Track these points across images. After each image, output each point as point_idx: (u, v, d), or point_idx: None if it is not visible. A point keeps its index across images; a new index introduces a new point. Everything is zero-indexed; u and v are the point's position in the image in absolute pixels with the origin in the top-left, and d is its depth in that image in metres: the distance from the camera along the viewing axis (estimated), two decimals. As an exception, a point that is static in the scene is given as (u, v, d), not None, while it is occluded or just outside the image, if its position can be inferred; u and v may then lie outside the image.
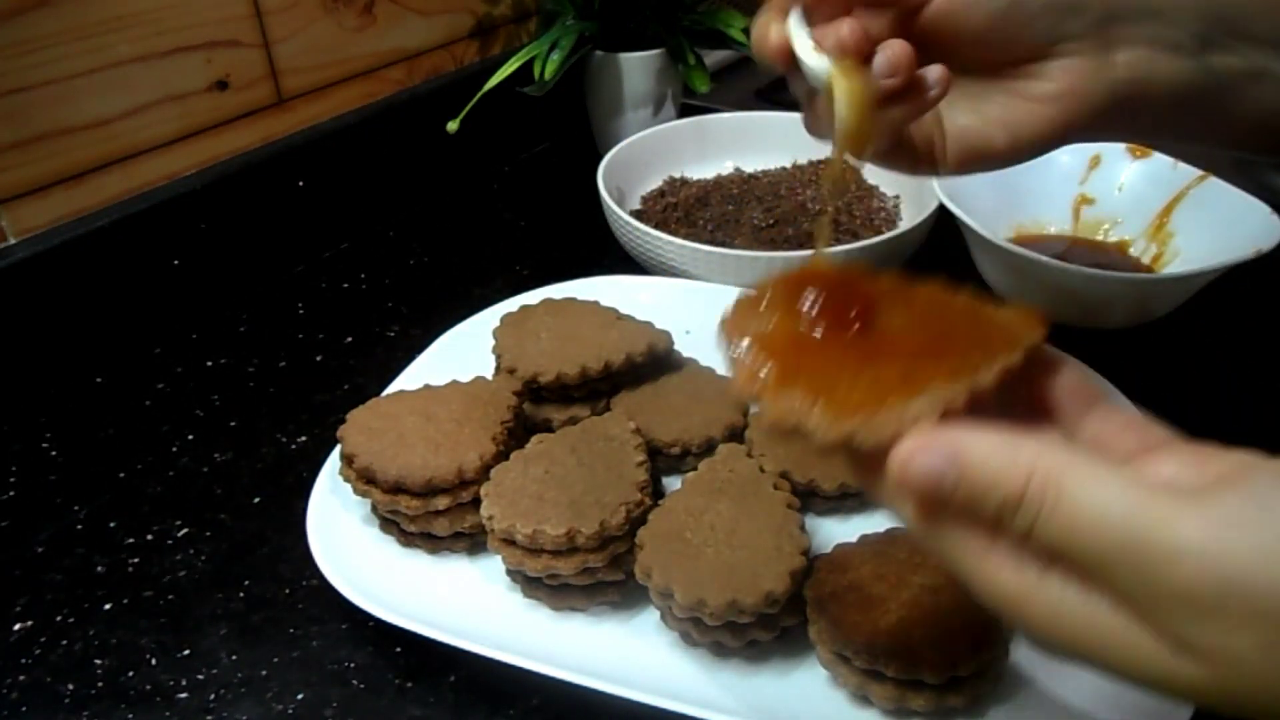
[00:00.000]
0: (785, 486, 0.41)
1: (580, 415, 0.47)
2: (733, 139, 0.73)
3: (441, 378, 0.48)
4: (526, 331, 0.50)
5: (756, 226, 0.63)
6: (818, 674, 0.37)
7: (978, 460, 0.22)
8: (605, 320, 0.50)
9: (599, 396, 0.48)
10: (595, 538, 0.38)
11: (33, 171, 0.54)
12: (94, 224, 0.56)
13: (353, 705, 0.38)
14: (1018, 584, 0.22)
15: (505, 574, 0.41)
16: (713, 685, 0.37)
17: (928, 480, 0.23)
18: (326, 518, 0.43)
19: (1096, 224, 0.63)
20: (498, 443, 0.43)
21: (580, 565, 0.38)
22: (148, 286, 0.60)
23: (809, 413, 0.25)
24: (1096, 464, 0.21)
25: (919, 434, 0.23)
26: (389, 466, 0.41)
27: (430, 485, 0.41)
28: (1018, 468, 0.21)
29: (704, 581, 0.36)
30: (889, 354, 0.26)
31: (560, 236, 0.71)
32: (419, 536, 0.42)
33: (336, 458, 0.44)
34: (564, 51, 0.69)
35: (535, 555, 0.38)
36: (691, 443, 0.45)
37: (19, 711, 0.38)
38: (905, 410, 0.24)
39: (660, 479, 0.46)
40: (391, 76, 0.72)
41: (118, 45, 0.55)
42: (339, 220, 0.71)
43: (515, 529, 0.38)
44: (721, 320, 0.27)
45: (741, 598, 0.35)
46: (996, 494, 0.22)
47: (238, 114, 0.63)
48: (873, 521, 0.43)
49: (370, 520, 0.44)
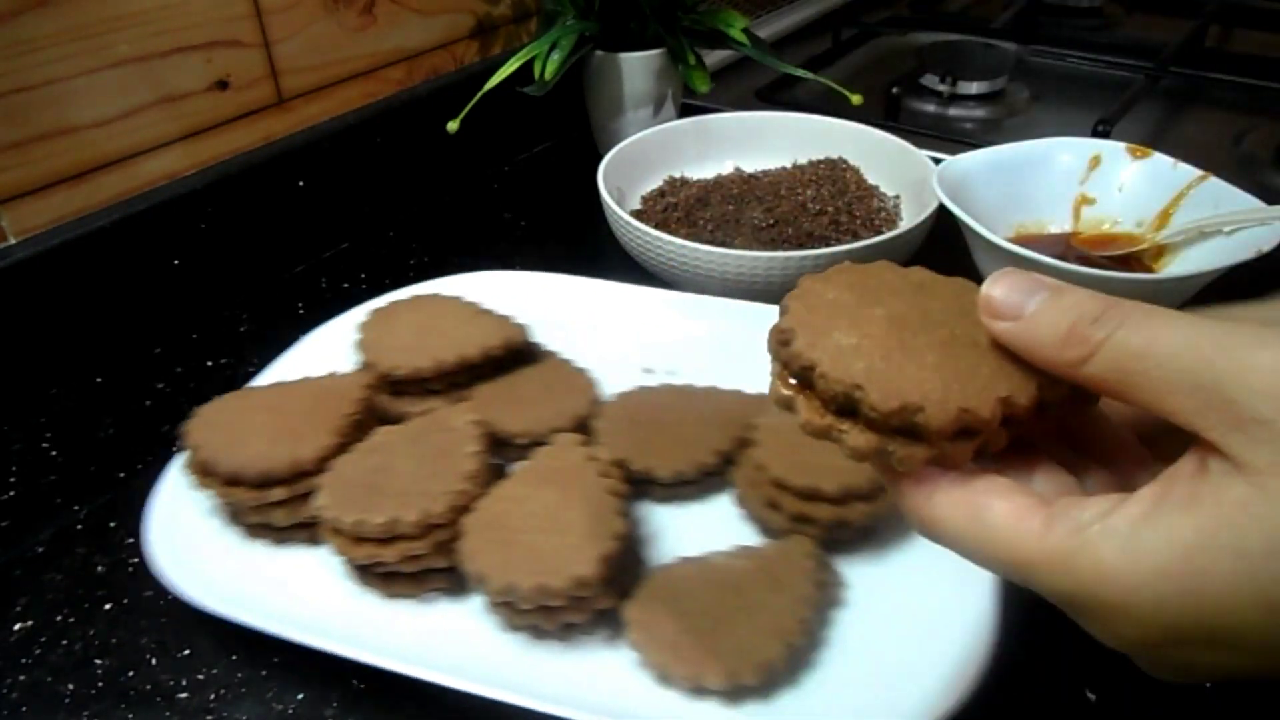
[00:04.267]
0: (614, 474, 0.42)
1: (437, 408, 0.47)
2: (733, 139, 0.73)
3: (312, 372, 0.48)
4: (389, 326, 0.51)
5: (757, 226, 0.63)
6: (629, 656, 0.38)
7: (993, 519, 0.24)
8: (467, 315, 0.51)
9: (457, 389, 0.49)
10: (417, 526, 0.39)
11: (33, 171, 0.54)
12: (94, 224, 0.56)
13: (353, 705, 0.38)
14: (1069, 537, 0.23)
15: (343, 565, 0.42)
16: (528, 669, 0.38)
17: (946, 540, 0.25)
18: (172, 511, 0.43)
19: (1096, 224, 0.63)
20: (339, 435, 0.43)
21: (403, 553, 0.39)
22: (148, 286, 0.60)
23: (841, 424, 0.26)
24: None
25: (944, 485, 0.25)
26: (226, 459, 0.41)
27: (266, 477, 0.41)
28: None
29: (515, 566, 0.37)
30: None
31: (560, 236, 0.71)
32: (262, 528, 0.43)
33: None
34: (564, 51, 0.69)
35: (359, 544, 0.39)
36: (539, 433, 0.46)
37: (19, 711, 0.38)
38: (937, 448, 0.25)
39: (506, 469, 0.45)
40: (391, 76, 0.72)
41: (118, 45, 0.55)
42: (339, 220, 0.71)
43: (341, 518, 0.39)
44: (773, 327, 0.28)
45: (550, 581, 0.36)
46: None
47: (238, 114, 0.63)
48: (713, 507, 0.45)
49: (218, 515, 0.44)
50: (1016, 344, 0.25)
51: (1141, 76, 0.85)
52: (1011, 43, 0.96)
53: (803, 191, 0.66)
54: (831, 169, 0.69)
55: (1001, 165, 0.62)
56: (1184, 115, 0.87)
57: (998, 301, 0.25)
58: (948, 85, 0.89)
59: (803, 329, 0.27)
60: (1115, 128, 0.73)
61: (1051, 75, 0.95)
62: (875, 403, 0.25)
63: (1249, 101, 0.87)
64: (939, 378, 0.25)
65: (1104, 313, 0.24)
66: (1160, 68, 0.87)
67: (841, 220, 0.64)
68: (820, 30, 1.07)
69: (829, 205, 0.65)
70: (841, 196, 0.66)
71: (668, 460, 0.44)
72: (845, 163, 0.70)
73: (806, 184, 0.67)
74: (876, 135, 0.69)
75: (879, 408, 0.25)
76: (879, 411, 0.25)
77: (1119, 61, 0.93)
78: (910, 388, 0.25)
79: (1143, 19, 1.11)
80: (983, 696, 0.36)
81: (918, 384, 0.25)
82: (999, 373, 0.25)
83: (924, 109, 0.89)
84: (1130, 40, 1.04)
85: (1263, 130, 0.81)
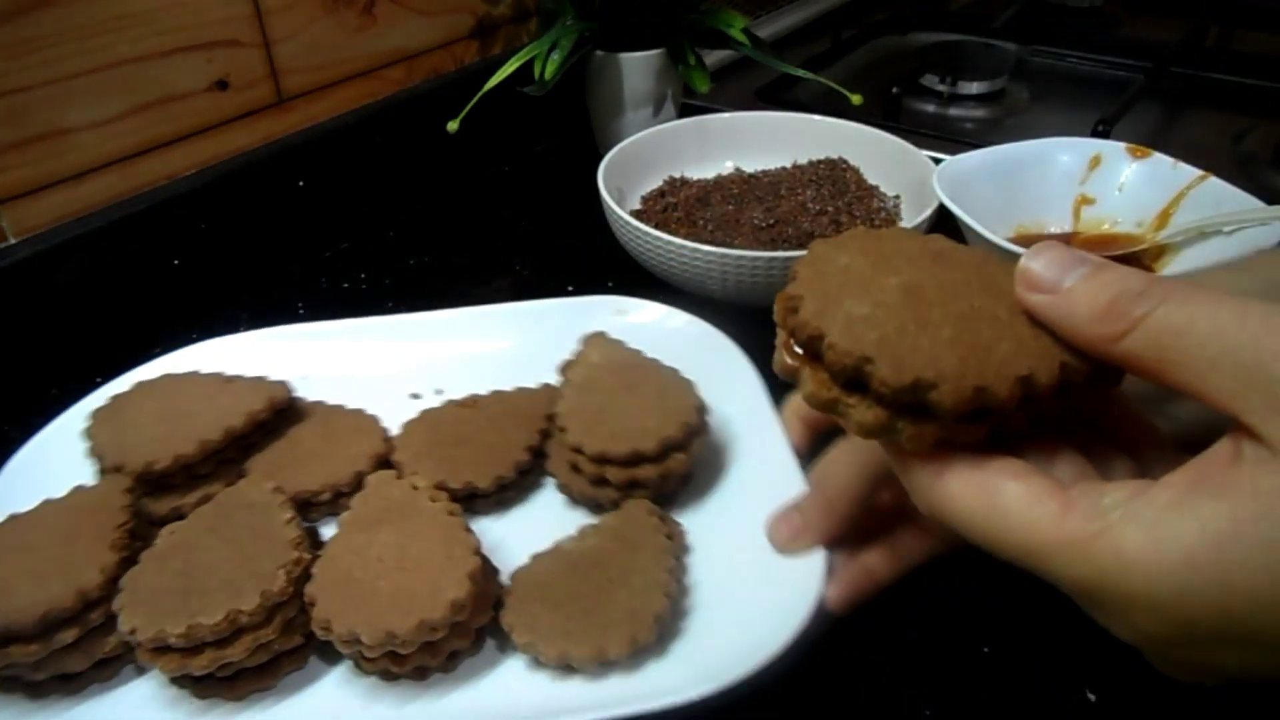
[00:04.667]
0: (442, 496, 0.40)
1: (214, 492, 0.42)
2: (733, 139, 0.73)
3: (28, 502, 0.40)
4: (124, 422, 0.44)
5: (757, 226, 0.63)
6: (519, 664, 0.37)
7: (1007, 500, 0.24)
8: (213, 387, 0.47)
9: (231, 466, 0.45)
10: (260, 611, 0.35)
11: (33, 171, 0.54)
12: (94, 224, 0.56)
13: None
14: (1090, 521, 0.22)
15: (170, 683, 0.37)
16: (425, 712, 0.36)
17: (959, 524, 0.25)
18: None
19: (1097, 224, 0.63)
20: (119, 549, 0.38)
21: (252, 645, 0.35)
22: (148, 287, 0.60)
23: (848, 398, 0.25)
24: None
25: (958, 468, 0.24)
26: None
27: (48, 620, 0.35)
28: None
29: (386, 614, 0.35)
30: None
31: (560, 236, 0.71)
32: (54, 682, 0.36)
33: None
34: (564, 51, 0.69)
35: (197, 653, 0.35)
36: (340, 484, 0.44)
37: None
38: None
39: (318, 530, 0.44)
40: (391, 76, 0.72)
41: (118, 45, 0.55)
42: (339, 220, 0.71)
43: (166, 633, 0.34)
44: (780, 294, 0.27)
45: (429, 615, 0.35)
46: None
47: (238, 114, 0.63)
48: (541, 501, 0.45)
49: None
50: (1053, 316, 0.24)
51: (1141, 76, 0.85)
52: (1011, 43, 0.96)
53: (803, 191, 0.66)
54: (831, 169, 0.69)
55: (1001, 165, 0.62)
56: (1184, 115, 0.87)
57: (1036, 273, 0.24)
58: (948, 85, 0.89)
59: (811, 295, 0.26)
60: (1115, 128, 0.73)
61: (1051, 75, 0.95)
62: (886, 377, 0.23)
63: (1249, 101, 0.87)
64: (955, 353, 0.23)
65: (1147, 288, 0.23)
66: (1160, 68, 0.87)
67: (842, 220, 0.64)
68: (820, 30, 1.07)
69: (829, 205, 0.65)
70: (841, 196, 0.66)
71: (484, 470, 0.43)
72: (845, 163, 0.70)
73: (806, 184, 0.67)
74: (876, 135, 0.69)
75: (890, 382, 0.23)
76: (889, 386, 0.23)
77: (1119, 61, 0.93)
78: (924, 362, 0.23)
79: (1143, 19, 1.11)
80: (968, 689, 0.36)
81: (932, 359, 0.23)
82: (1019, 350, 0.24)
83: (924, 109, 0.89)
84: (1130, 40, 1.04)
85: (1263, 130, 0.81)
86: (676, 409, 0.43)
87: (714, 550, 0.41)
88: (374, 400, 0.49)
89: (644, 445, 0.41)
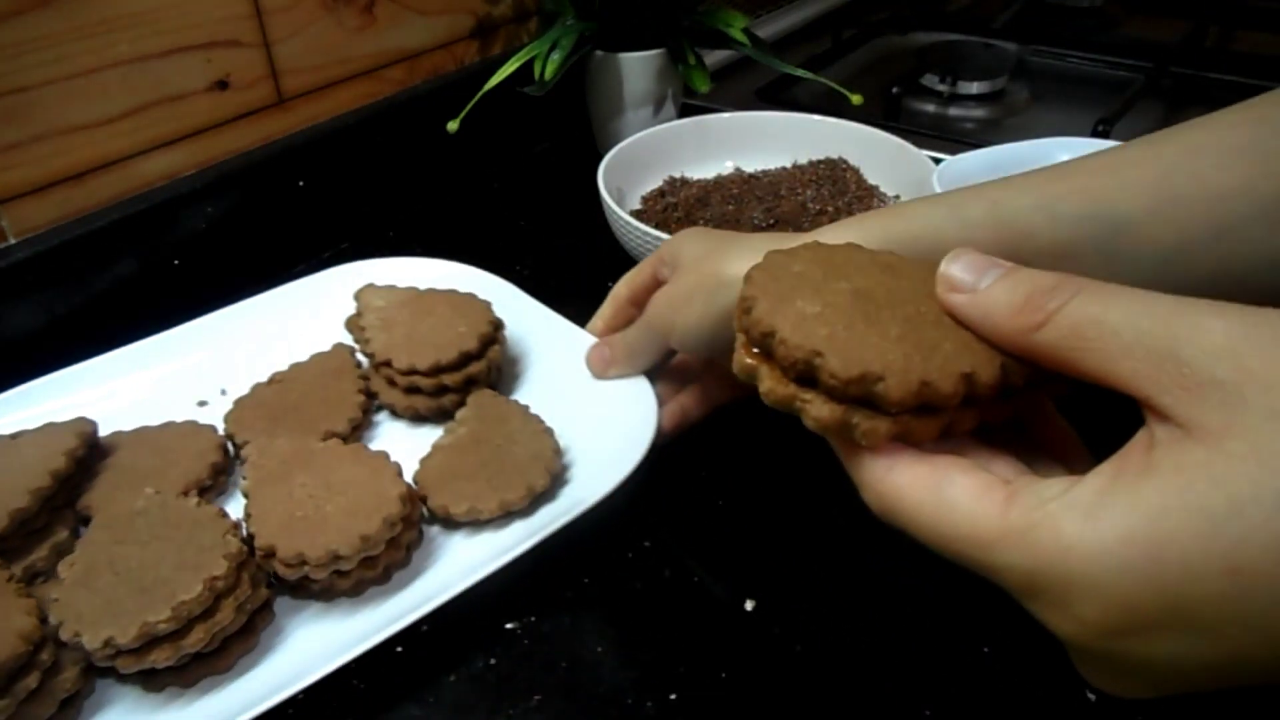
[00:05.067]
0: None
1: (61, 540, 0.42)
2: (733, 139, 0.73)
3: None
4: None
5: (757, 226, 0.63)
6: (444, 553, 0.42)
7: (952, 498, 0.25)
8: (3, 446, 0.44)
9: (65, 512, 0.43)
10: (207, 595, 0.36)
11: (33, 171, 0.54)
12: (94, 224, 0.56)
13: (353, 705, 0.38)
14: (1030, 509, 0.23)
15: (121, 682, 0.37)
16: (381, 610, 0.40)
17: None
18: None
19: (1096, 224, 0.63)
20: (24, 595, 0.37)
21: (209, 631, 0.36)
22: (147, 287, 0.60)
23: (804, 394, 0.26)
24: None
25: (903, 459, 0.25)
26: None
27: (6, 671, 0.34)
28: None
29: (349, 528, 0.38)
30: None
31: (560, 236, 0.71)
32: None
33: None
34: (564, 51, 0.69)
35: (144, 651, 0.35)
36: (201, 480, 0.45)
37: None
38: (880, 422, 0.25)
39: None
40: (391, 76, 0.72)
41: (118, 45, 0.55)
42: (339, 220, 0.71)
43: (115, 640, 0.34)
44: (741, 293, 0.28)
45: (391, 511, 0.39)
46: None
47: (238, 114, 0.63)
48: (388, 441, 0.49)
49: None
50: (973, 315, 0.25)
51: (1141, 76, 0.85)
52: (1011, 43, 0.96)
53: (803, 191, 0.66)
54: (831, 169, 0.69)
55: (1001, 165, 0.62)
56: (1184, 115, 0.86)
57: (955, 276, 0.26)
58: (948, 85, 0.90)
59: (764, 296, 0.27)
60: (1115, 128, 0.73)
61: (1051, 75, 0.95)
62: (835, 369, 0.24)
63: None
64: (901, 350, 0.25)
65: (1059, 284, 0.24)
66: (1160, 68, 0.87)
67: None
68: (820, 30, 1.07)
69: (829, 205, 0.65)
70: (841, 196, 0.66)
71: (335, 420, 0.47)
72: (845, 163, 0.70)
73: (806, 184, 0.67)
74: (876, 135, 0.69)
75: (838, 375, 0.24)
76: (838, 379, 0.24)
77: (1119, 61, 0.93)
78: (872, 356, 0.24)
79: (1143, 19, 1.11)
80: (969, 689, 0.36)
81: (880, 353, 0.24)
82: (963, 350, 0.25)
83: (924, 109, 0.89)
84: (1130, 40, 1.04)
85: (1263, 130, 0.81)
86: (478, 313, 0.50)
87: (558, 415, 0.47)
88: (164, 418, 0.49)
89: (467, 345, 0.48)
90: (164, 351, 0.53)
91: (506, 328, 0.51)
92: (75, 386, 0.50)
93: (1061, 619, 0.22)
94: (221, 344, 0.54)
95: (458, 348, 0.48)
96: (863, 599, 0.41)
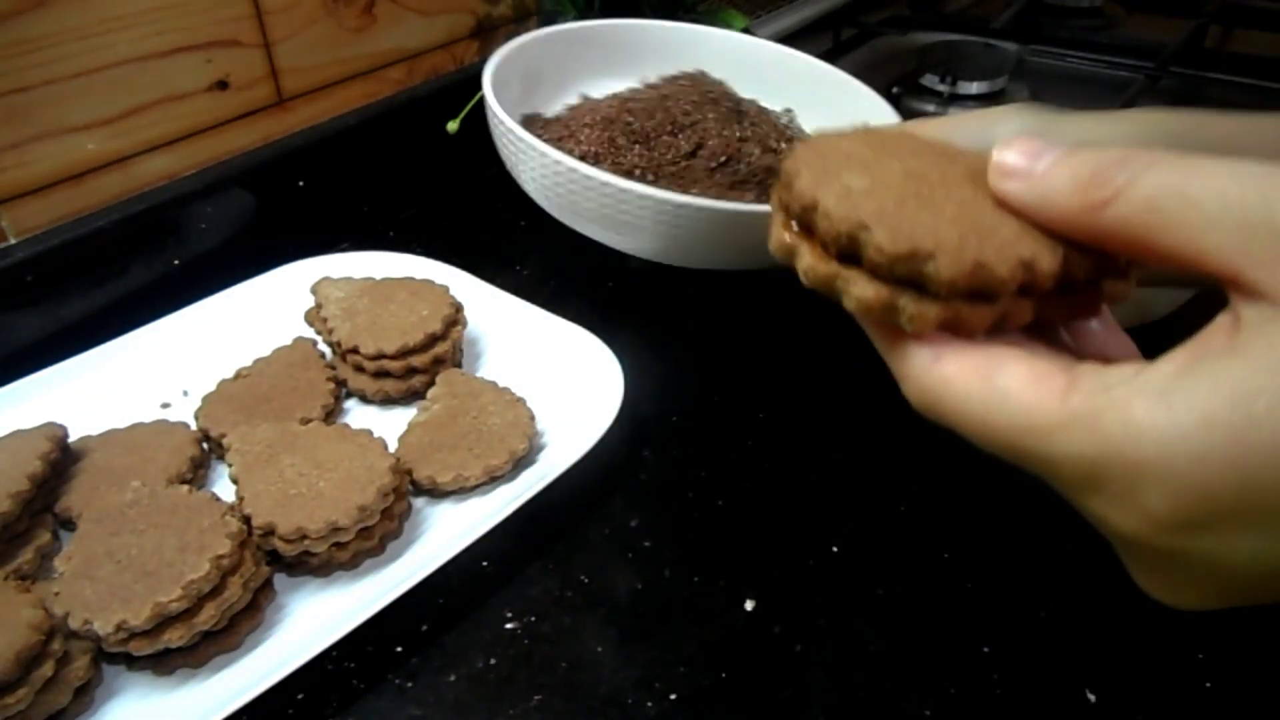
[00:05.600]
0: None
1: (44, 543, 0.42)
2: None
3: None
4: None
5: (709, 169, 0.57)
6: (432, 525, 0.44)
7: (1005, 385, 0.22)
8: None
9: (44, 517, 0.43)
10: (232, 546, 0.37)
11: (33, 171, 0.54)
12: (94, 224, 0.56)
13: (353, 705, 0.38)
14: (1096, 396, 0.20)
15: (130, 668, 0.38)
16: (378, 580, 0.41)
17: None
18: None
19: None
20: (27, 590, 0.38)
21: (234, 591, 0.37)
22: (147, 287, 0.60)
23: (846, 272, 0.23)
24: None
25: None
26: None
27: (23, 659, 0.34)
28: None
29: (325, 509, 0.39)
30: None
31: (560, 236, 0.71)
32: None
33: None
34: (564, 51, 0.69)
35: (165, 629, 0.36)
36: (182, 474, 0.45)
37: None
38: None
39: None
40: (391, 76, 0.72)
41: (118, 45, 0.55)
42: (339, 220, 0.70)
43: (128, 622, 0.35)
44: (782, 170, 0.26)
45: (383, 481, 0.41)
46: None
47: (238, 114, 0.63)
48: (362, 425, 0.47)
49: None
50: (1029, 199, 0.23)
51: (1141, 76, 0.85)
52: (1011, 43, 0.96)
53: (701, 115, 0.59)
54: (695, 82, 0.62)
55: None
56: (1184, 115, 0.87)
57: (1010, 162, 0.23)
58: (948, 85, 0.89)
59: (808, 169, 0.24)
60: (1115, 128, 0.73)
61: (1051, 75, 0.95)
62: (882, 243, 0.22)
63: (1249, 101, 0.87)
64: (956, 229, 0.22)
65: (1128, 156, 0.21)
66: (1160, 68, 0.87)
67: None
68: (820, 30, 1.07)
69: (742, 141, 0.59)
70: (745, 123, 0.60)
71: (308, 407, 0.48)
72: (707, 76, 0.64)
73: (697, 108, 0.60)
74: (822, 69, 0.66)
75: (885, 249, 0.22)
76: (885, 254, 0.22)
77: (1119, 61, 0.93)
78: (923, 233, 0.22)
79: (1143, 19, 1.11)
80: (969, 689, 0.36)
81: (932, 230, 0.22)
82: (1023, 235, 0.22)
83: (924, 109, 0.89)
84: (1130, 40, 1.04)
85: (1263, 130, 0.81)
86: (438, 296, 0.52)
87: (524, 388, 0.49)
88: (127, 421, 0.48)
89: (431, 326, 0.50)
90: (118, 357, 0.53)
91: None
92: (31, 394, 0.50)
93: (1125, 513, 0.20)
94: (176, 346, 0.55)
95: (423, 330, 0.50)
96: (862, 599, 0.41)
